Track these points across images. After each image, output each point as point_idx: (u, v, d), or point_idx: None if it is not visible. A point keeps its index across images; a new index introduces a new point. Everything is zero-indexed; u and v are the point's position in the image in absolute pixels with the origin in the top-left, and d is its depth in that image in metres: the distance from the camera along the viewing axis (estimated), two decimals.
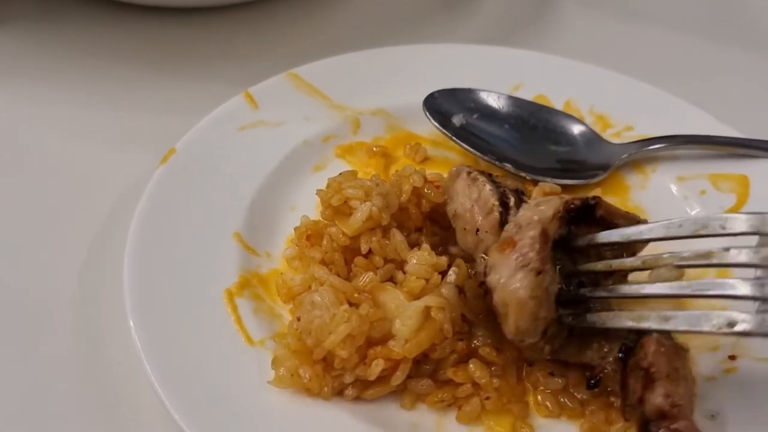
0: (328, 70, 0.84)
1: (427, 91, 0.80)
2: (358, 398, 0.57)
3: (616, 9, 1.08)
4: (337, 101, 0.81)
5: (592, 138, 0.78)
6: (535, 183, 0.73)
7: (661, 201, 0.74)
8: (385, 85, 0.83)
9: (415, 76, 0.84)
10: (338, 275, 0.62)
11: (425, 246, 0.63)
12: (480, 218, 0.62)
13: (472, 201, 0.64)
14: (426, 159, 0.78)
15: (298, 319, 0.59)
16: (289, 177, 0.75)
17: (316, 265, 0.63)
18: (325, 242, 0.64)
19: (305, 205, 0.72)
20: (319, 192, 0.65)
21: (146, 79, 0.90)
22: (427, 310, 0.57)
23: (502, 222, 0.60)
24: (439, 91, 0.79)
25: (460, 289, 0.60)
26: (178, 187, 0.70)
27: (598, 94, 0.83)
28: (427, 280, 0.60)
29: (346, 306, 0.57)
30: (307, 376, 0.56)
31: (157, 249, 0.64)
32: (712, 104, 0.81)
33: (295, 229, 0.67)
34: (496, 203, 0.61)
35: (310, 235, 0.65)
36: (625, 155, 0.76)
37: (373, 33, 1.00)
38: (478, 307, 0.61)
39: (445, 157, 0.79)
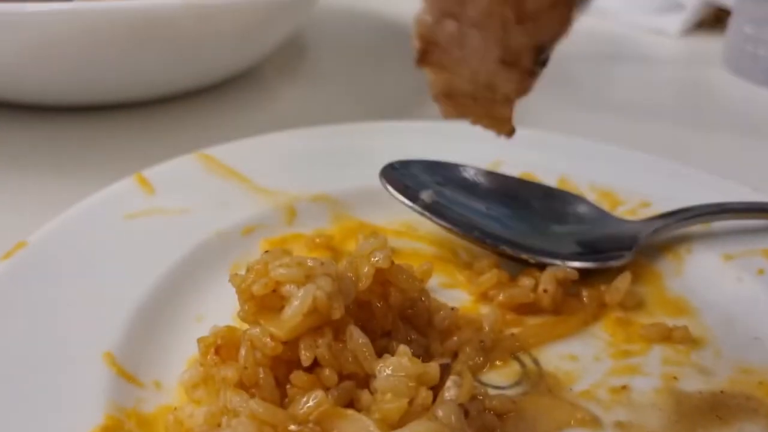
0: (253, 150, 0.65)
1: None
2: None
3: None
4: (263, 185, 0.61)
5: (602, 216, 0.60)
6: (541, 268, 0.53)
7: (709, 287, 0.54)
8: (326, 165, 0.64)
9: (365, 155, 0.65)
10: (265, 401, 0.39)
11: (403, 349, 0.40)
12: None
13: None
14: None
15: None
16: (196, 279, 0.52)
17: (230, 389, 0.39)
18: (243, 353, 0.40)
19: (220, 314, 0.50)
20: (233, 278, 0.43)
21: None
22: None
23: None
24: (399, 162, 0.60)
25: (466, 411, 0.37)
26: (22, 292, 0.46)
27: (596, 169, 0.66)
28: (410, 401, 0.38)
29: None
30: None
31: None
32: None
33: (198, 340, 0.44)
34: None
35: (221, 346, 0.42)
36: (651, 230, 0.57)
37: None
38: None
39: (415, 249, 0.59)
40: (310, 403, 0.37)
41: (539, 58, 0.34)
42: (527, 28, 0.33)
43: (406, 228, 0.60)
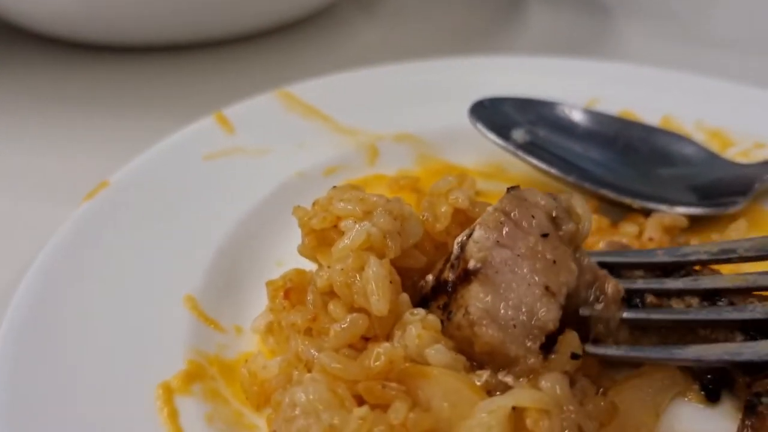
0: (334, 87, 0.62)
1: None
2: None
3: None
4: (345, 124, 0.59)
5: (712, 158, 0.54)
6: (646, 213, 0.49)
7: None
8: (410, 104, 0.61)
9: (451, 92, 0.61)
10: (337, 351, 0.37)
11: None
12: None
13: None
14: (476, 194, 0.54)
15: None
16: (277, 222, 0.51)
17: (299, 336, 0.38)
18: (310, 297, 0.39)
19: (301, 257, 0.48)
20: (296, 210, 0.41)
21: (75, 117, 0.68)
22: (519, 414, 0.32)
23: None
24: (490, 100, 0.56)
25: (572, 379, 0.34)
26: (105, 232, 0.46)
27: (703, 107, 0.60)
28: None
29: (364, 410, 0.31)
30: None
31: (53, 317, 0.40)
32: None
33: (267, 284, 0.42)
34: None
35: (291, 289, 0.41)
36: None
37: None
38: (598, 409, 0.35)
39: (503, 191, 0.55)
40: (383, 356, 0.34)
41: None
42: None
43: (496, 170, 0.57)
